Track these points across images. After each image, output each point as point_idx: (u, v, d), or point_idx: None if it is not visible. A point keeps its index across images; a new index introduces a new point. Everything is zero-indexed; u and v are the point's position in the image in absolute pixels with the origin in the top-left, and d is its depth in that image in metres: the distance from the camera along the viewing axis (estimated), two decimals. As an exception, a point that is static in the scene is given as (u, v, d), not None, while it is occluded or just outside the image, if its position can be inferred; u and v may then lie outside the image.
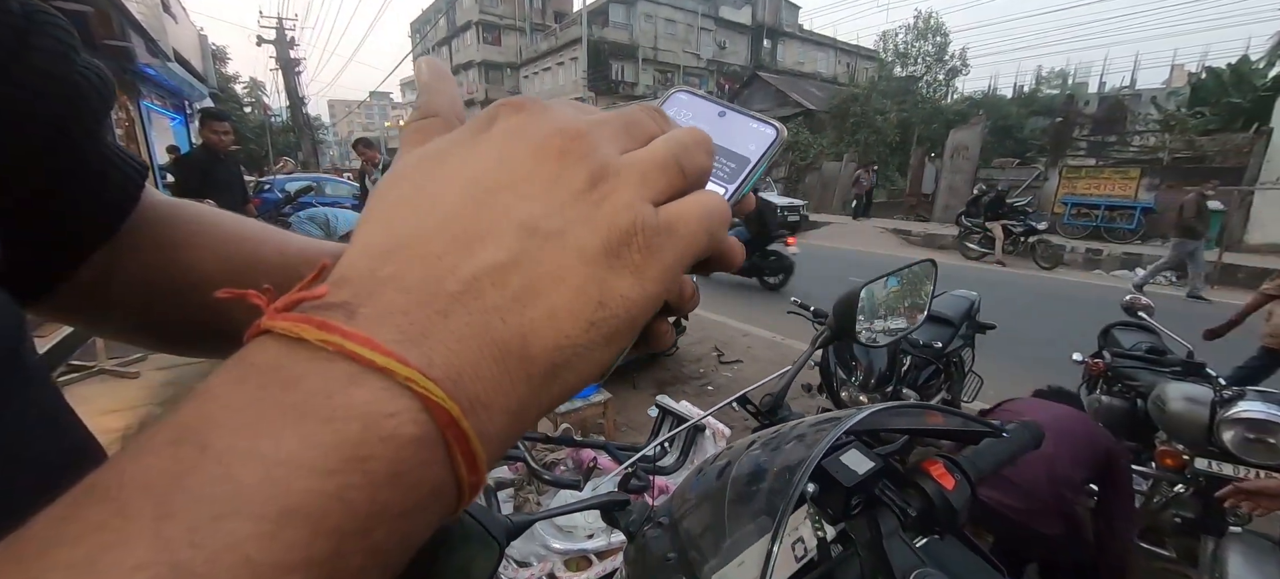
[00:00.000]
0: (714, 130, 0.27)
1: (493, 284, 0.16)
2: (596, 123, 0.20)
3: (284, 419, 0.13)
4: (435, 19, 41.83)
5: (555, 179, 0.17)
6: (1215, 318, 3.08)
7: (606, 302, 0.17)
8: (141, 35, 6.06)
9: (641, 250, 0.18)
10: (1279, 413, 1.54)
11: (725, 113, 0.29)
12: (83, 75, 0.28)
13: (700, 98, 0.30)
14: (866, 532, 0.50)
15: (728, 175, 0.27)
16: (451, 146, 0.19)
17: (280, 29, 20.01)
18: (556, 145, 0.18)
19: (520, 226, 0.17)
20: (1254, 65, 13.43)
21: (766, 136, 0.27)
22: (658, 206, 0.19)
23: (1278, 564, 1.48)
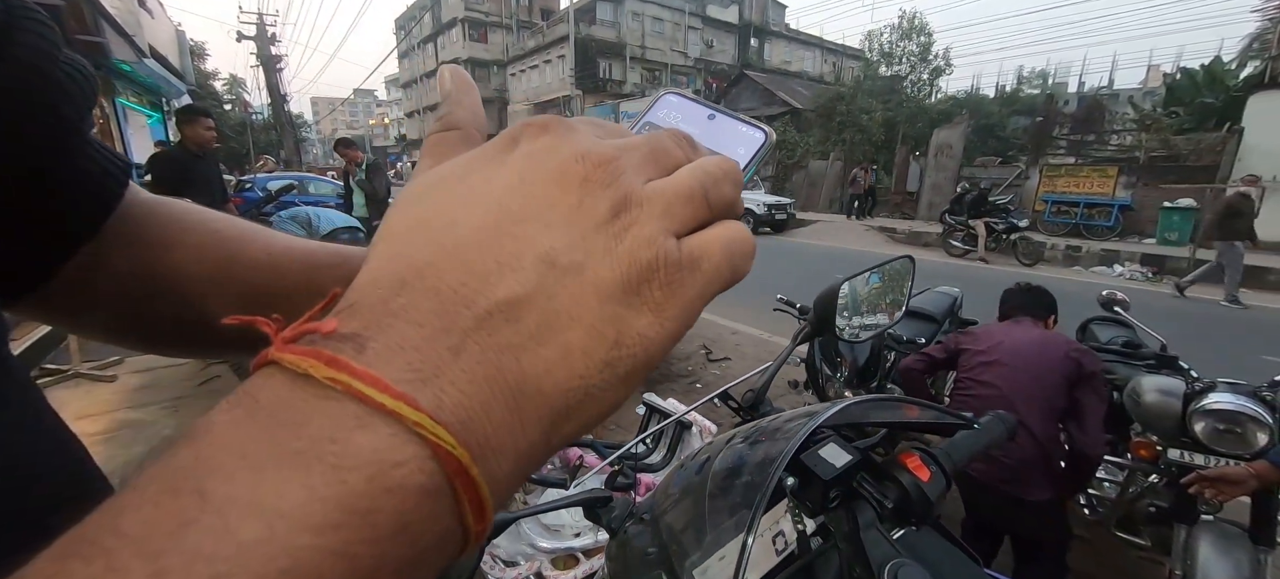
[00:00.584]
0: (703, 133, 0.28)
1: (507, 320, 0.15)
2: (622, 148, 0.19)
3: (288, 467, 0.12)
4: (420, 15, 41.40)
5: (577, 208, 0.17)
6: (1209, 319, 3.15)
7: (623, 341, 0.17)
8: (116, 30, 5.91)
9: (663, 287, 0.17)
10: (1247, 404, 1.58)
11: (714, 116, 0.29)
12: (66, 72, 0.28)
13: (689, 100, 0.30)
14: (845, 524, 0.51)
15: None
16: (473, 167, 0.18)
17: (261, 25, 19.64)
18: (580, 172, 0.17)
19: (539, 259, 0.16)
20: (1226, 66, 13.80)
21: (756, 140, 0.27)
22: (681, 239, 0.18)
23: (1245, 550, 1.52)
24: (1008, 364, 1.68)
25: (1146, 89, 22.86)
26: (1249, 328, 5.46)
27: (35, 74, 0.26)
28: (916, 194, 14.50)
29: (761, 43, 34.87)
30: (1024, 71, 27.18)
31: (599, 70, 29.86)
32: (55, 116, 0.27)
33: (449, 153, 0.20)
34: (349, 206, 5.37)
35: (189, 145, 3.69)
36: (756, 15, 34.28)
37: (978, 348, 1.77)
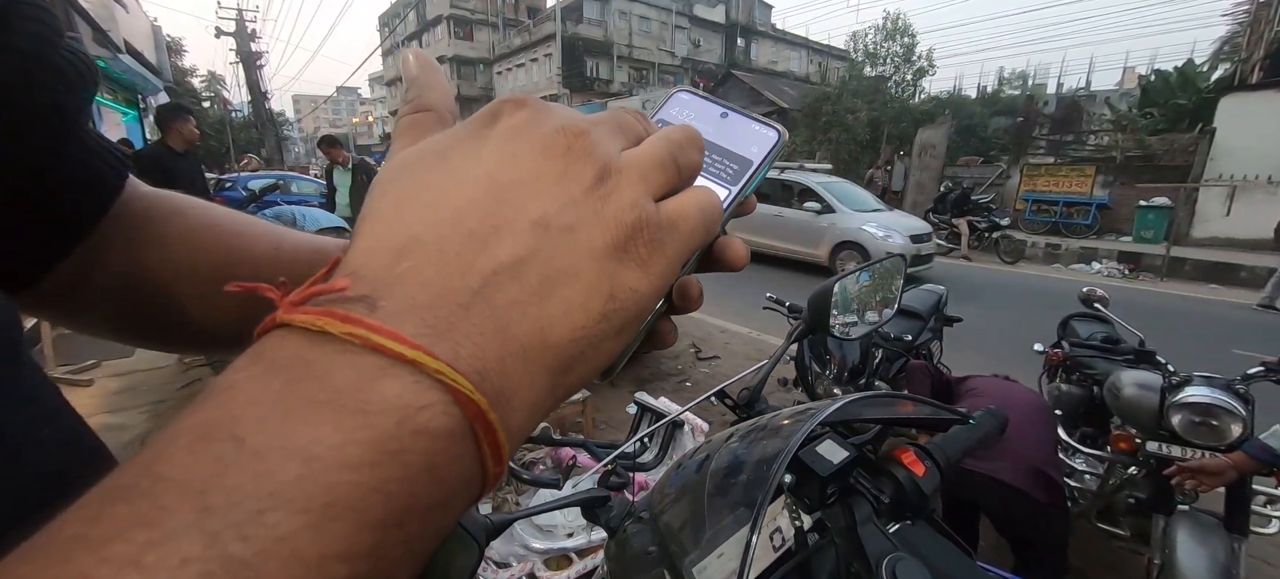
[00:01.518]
0: (717, 131, 0.28)
1: (511, 279, 0.16)
2: (594, 122, 0.20)
3: (318, 413, 0.12)
4: (405, 12, 40.89)
5: (563, 175, 0.18)
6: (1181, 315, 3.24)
7: (617, 294, 0.18)
8: (90, 25, 5.76)
9: (647, 245, 0.19)
10: (1221, 397, 1.62)
11: (727, 114, 0.29)
12: (66, 60, 0.27)
13: (702, 98, 0.30)
14: (842, 519, 0.51)
15: (730, 177, 0.27)
16: (455, 142, 0.19)
17: (240, 21, 19.27)
18: (563, 143, 0.18)
19: (534, 222, 0.17)
20: (1198, 68, 14.18)
21: (768, 139, 0.28)
22: (658, 202, 0.20)
23: (1220, 539, 1.57)
24: (995, 392, 1.72)
25: (1122, 90, 23.40)
26: (1217, 323, 5.62)
27: (36, 63, 0.25)
28: (901, 193, 14.69)
29: (748, 43, 35.04)
30: (1005, 73, 27.70)
31: (586, 69, 29.76)
32: (55, 107, 0.27)
33: (422, 134, 0.20)
34: (332, 206, 5.29)
35: (171, 143, 3.62)
36: (743, 15, 34.44)
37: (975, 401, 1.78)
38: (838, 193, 7.87)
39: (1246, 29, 14.25)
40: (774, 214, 7.89)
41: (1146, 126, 11.98)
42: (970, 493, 1.70)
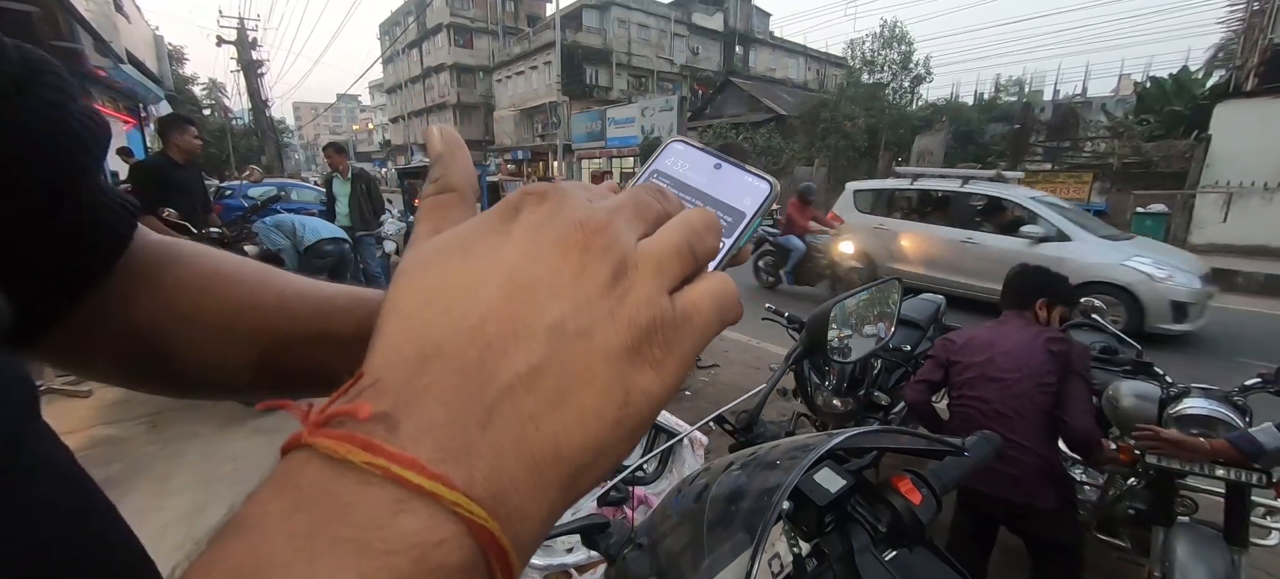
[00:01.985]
0: (710, 182, 0.28)
1: (527, 389, 0.16)
2: (613, 210, 0.20)
3: (342, 556, 0.13)
4: (405, 21, 41.11)
5: (580, 274, 0.17)
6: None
7: (631, 399, 0.17)
8: (92, 35, 5.79)
9: (661, 346, 0.18)
10: (1219, 409, 1.63)
11: (721, 165, 0.29)
12: (80, 122, 0.28)
13: (696, 149, 0.30)
14: (839, 546, 0.52)
15: (724, 229, 0.27)
16: (476, 237, 0.18)
17: (242, 29, 19.36)
18: (580, 240, 0.18)
19: (550, 327, 0.17)
20: (1193, 75, 14.25)
21: (761, 191, 0.28)
22: (674, 294, 0.19)
23: (1220, 551, 1.57)
24: (998, 378, 1.70)
25: (1119, 97, 23.51)
26: (1221, 331, 5.63)
27: (51, 125, 0.26)
28: (899, 200, 14.71)
29: (746, 50, 35.24)
30: (1001, 79, 27.83)
31: (585, 76, 29.90)
32: (68, 166, 0.27)
33: (447, 217, 0.21)
34: (331, 215, 5.30)
35: (172, 155, 3.63)
36: (741, 23, 34.66)
37: (967, 360, 1.78)
38: (1068, 214, 5.59)
39: (1240, 36, 14.36)
40: (960, 240, 5.73)
41: (1143, 133, 12.03)
42: (985, 509, 1.72)
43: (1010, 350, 1.72)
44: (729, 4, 34.04)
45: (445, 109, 39.60)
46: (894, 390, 2.50)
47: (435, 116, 41.01)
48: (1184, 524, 1.66)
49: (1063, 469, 1.68)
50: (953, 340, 1.89)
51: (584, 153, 27.59)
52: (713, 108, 24.12)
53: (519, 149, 33.55)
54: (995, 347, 1.76)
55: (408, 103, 44.63)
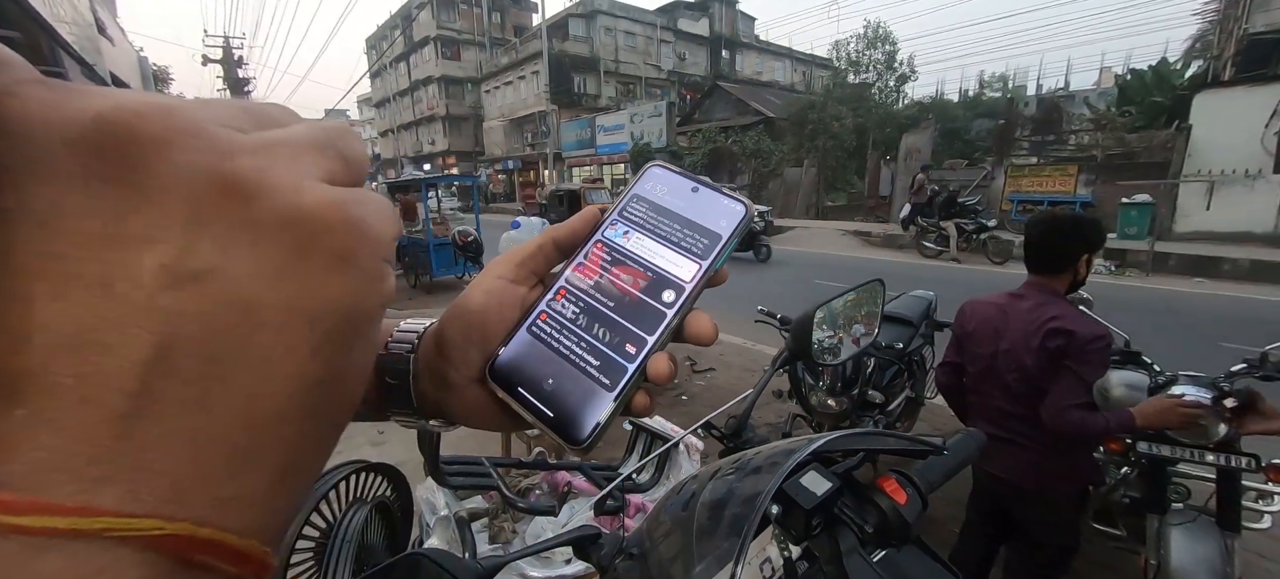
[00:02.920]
0: (688, 205, 0.30)
1: (163, 376, 0.13)
2: (203, 104, 0.15)
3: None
4: (392, 35, 41.13)
5: (170, 197, 0.13)
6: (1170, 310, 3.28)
7: (319, 316, 0.14)
8: (75, 60, 5.75)
9: (344, 234, 0.15)
10: (1207, 395, 1.65)
11: (698, 188, 0.30)
12: None
13: (675, 172, 0.32)
14: (828, 549, 0.52)
15: (701, 251, 0.28)
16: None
17: (227, 48, 19.30)
18: (132, 153, 0.13)
19: (156, 286, 0.13)
20: (1172, 67, 14.52)
21: (737, 213, 0.29)
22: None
23: (1214, 537, 1.59)
24: (999, 378, 1.65)
25: (1100, 90, 23.88)
26: (1205, 317, 5.70)
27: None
28: (889, 198, 14.85)
29: (733, 55, 35.49)
30: (985, 76, 28.22)
31: (574, 85, 30.00)
32: None
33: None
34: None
35: None
36: (727, 28, 34.92)
37: (974, 349, 1.73)
38: None
39: (1216, 27, 14.64)
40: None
41: (1125, 124, 12.22)
42: (997, 492, 1.72)
43: (1010, 349, 1.62)
44: (714, 9, 34.30)
45: (434, 121, 39.59)
46: (888, 389, 2.51)
47: (425, 129, 41.00)
48: (1177, 511, 1.68)
49: (1080, 454, 1.65)
50: (965, 312, 1.80)
51: (574, 161, 27.63)
52: (701, 112, 24.25)
53: (510, 159, 33.57)
54: (999, 339, 1.65)
55: (397, 116, 44.57)
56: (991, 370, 1.68)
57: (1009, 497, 1.69)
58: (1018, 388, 1.61)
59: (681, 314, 0.27)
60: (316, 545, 1.11)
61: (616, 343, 0.27)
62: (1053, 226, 1.65)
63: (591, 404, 0.26)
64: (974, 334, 1.74)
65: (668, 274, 0.28)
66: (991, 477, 1.69)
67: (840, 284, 0.83)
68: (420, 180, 9.02)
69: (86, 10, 6.36)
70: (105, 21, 7.47)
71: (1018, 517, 1.70)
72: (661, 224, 0.30)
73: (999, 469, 1.66)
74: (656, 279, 0.28)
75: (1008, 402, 1.65)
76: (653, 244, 0.30)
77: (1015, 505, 1.69)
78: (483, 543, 1.44)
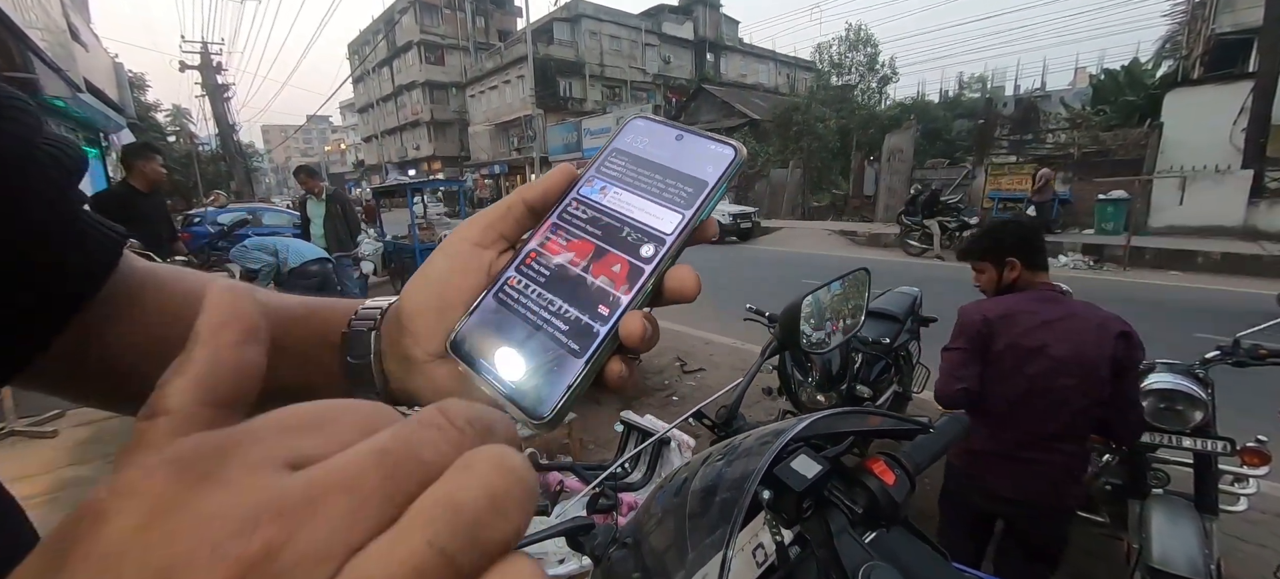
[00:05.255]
0: (672, 155, 0.28)
1: None
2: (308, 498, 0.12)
3: None
4: (374, 40, 40.75)
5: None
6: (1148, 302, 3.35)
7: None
8: (48, 66, 5.61)
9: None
10: (1182, 383, 1.69)
11: (682, 136, 0.29)
12: (49, 153, 0.28)
13: (657, 123, 0.30)
14: (820, 532, 0.53)
15: (684, 200, 0.27)
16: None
17: (205, 54, 18.98)
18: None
19: None
20: (1144, 67, 14.92)
21: (724, 157, 0.27)
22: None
23: (1192, 520, 1.62)
24: (1061, 386, 1.46)
25: (1075, 90, 24.44)
26: (1179, 308, 5.85)
27: (17, 158, 0.26)
28: (873, 197, 15.04)
29: (717, 57, 35.73)
30: (964, 77, 28.72)
31: (559, 89, 29.98)
32: (37, 198, 0.27)
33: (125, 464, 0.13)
34: (306, 237, 5.20)
35: (135, 183, 3.55)
36: (711, 31, 35.15)
37: (1025, 370, 1.49)
38: None
39: (1185, 28, 15.06)
40: None
41: (1100, 122, 12.51)
42: (1002, 511, 1.61)
43: (1071, 358, 1.45)
44: (698, 13, 34.53)
45: (419, 126, 39.26)
46: (876, 384, 2.54)
47: (409, 134, 40.63)
48: (1158, 496, 1.71)
49: (1085, 470, 1.61)
50: (989, 323, 1.54)
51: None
52: (687, 115, 24.36)
53: (496, 163, 33.40)
54: (1048, 334, 1.48)
55: (380, 122, 44.14)
56: (1041, 389, 1.47)
57: (1017, 516, 1.57)
58: (1078, 401, 1.45)
59: (660, 269, 0.25)
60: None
61: (588, 306, 0.25)
62: (1031, 226, 1.72)
63: (556, 376, 0.24)
64: (1013, 348, 1.50)
65: (647, 227, 0.26)
66: (996, 498, 1.57)
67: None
68: (405, 185, 8.94)
69: (59, 15, 6.22)
70: (79, 27, 7.30)
71: (1021, 531, 1.59)
72: (642, 176, 0.28)
73: (1010, 492, 1.53)
74: (635, 234, 0.26)
75: (1055, 421, 1.47)
76: (632, 198, 0.28)
77: (1022, 522, 1.57)
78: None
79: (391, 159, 42.86)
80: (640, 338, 0.24)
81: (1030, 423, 1.50)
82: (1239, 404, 2.08)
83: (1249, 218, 9.23)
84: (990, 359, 1.54)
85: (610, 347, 0.25)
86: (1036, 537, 1.58)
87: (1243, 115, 9.31)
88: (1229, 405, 1.81)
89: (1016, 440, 1.52)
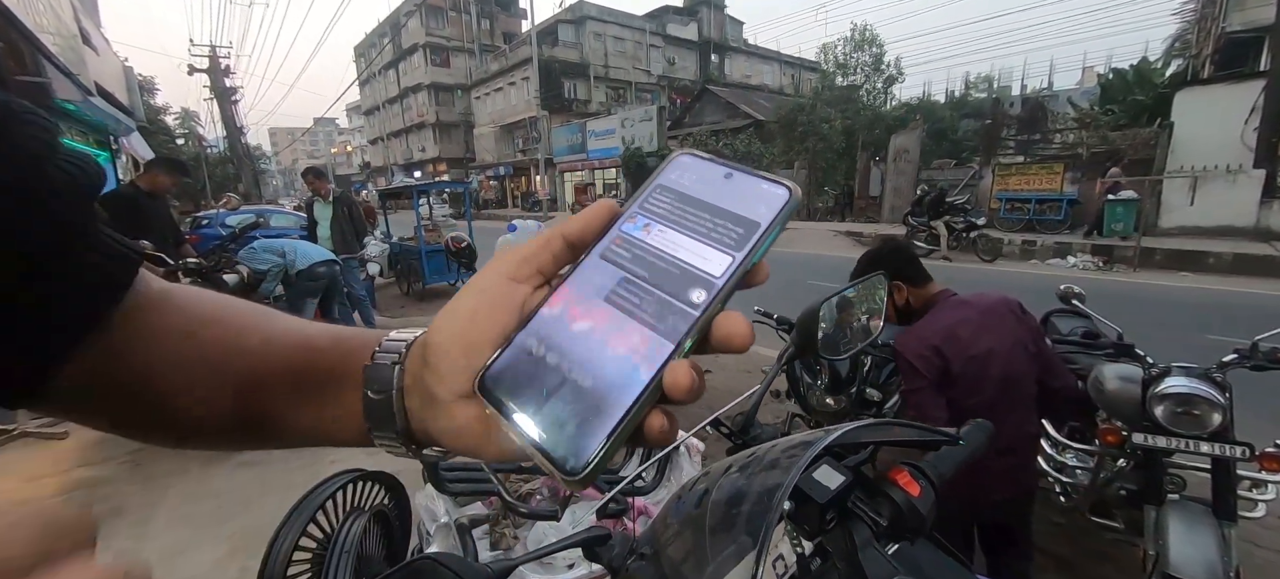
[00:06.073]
0: (720, 193, 0.27)
1: None
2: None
3: None
4: (381, 43, 40.97)
5: None
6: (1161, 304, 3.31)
7: None
8: (59, 70, 5.67)
9: None
10: (1200, 387, 1.66)
11: (732, 174, 0.27)
12: (63, 169, 0.27)
13: (705, 160, 0.28)
14: (842, 543, 0.52)
15: (735, 242, 0.25)
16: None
17: (214, 57, 19.14)
18: None
19: None
20: (1153, 65, 14.80)
21: (778, 198, 0.25)
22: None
23: (1210, 526, 1.60)
24: (1020, 384, 1.57)
25: (1083, 89, 24.25)
26: (1192, 310, 5.78)
27: (30, 173, 0.26)
28: (879, 198, 14.98)
29: (722, 58, 35.70)
30: (970, 77, 28.58)
31: (564, 90, 30.04)
32: (50, 214, 0.27)
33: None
34: (313, 239, 5.23)
35: (142, 184, 3.59)
36: (716, 32, 35.12)
37: (990, 373, 1.53)
38: None
39: (1195, 27, 14.92)
40: None
41: (1108, 122, 12.41)
42: (989, 515, 1.66)
43: (1011, 344, 1.55)
44: (703, 14, 34.51)
45: (424, 128, 39.43)
46: (885, 386, 2.52)
47: (415, 136, 40.82)
48: (1174, 502, 1.69)
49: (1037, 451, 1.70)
50: (934, 345, 1.55)
51: (566, 166, 27.63)
52: (692, 116, 24.35)
53: (501, 165, 33.50)
54: (986, 335, 1.56)
55: (386, 124, 44.35)
56: (1008, 386, 1.54)
57: (1006, 513, 1.63)
58: (1031, 384, 1.59)
59: (709, 315, 0.24)
60: (314, 557, 1.09)
61: (629, 352, 0.24)
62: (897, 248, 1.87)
63: (593, 427, 0.23)
64: (970, 361, 1.54)
65: (694, 270, 0.25)
66: (995, 504, 1.59)
67: (834, 284, 0.82)
68: (411, 187, 8.98)
69: (70, 20, 6.28)
70: (90, 31, 7.38)
71: (1000, 525, 1.66)
72: (689, 215, 0.27)
73: (1009, 492, 1.57)
74: (681, 276, 0.25)
75: (1025, 417, 1.58)
76: (678, 237, 0.26)
77: (1010, 517, 1.64)
78: (484, 549, 1.43)
79: (397, 161, 43.08)
80: (686, 390, 0.22)
81: (1012, 420, 1.55)
82: (1256, 408, 2.05)
83: (1261, 218, 9.13)
84: (952, 380, 1.55)
85: (652, 397, 0.23)
86: (1023, 528, 1.66)
87: (1254, 114, 9.22)
88: (1245, 409, 1.78)
89: (1007, 442, 1.57)
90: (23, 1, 4.49)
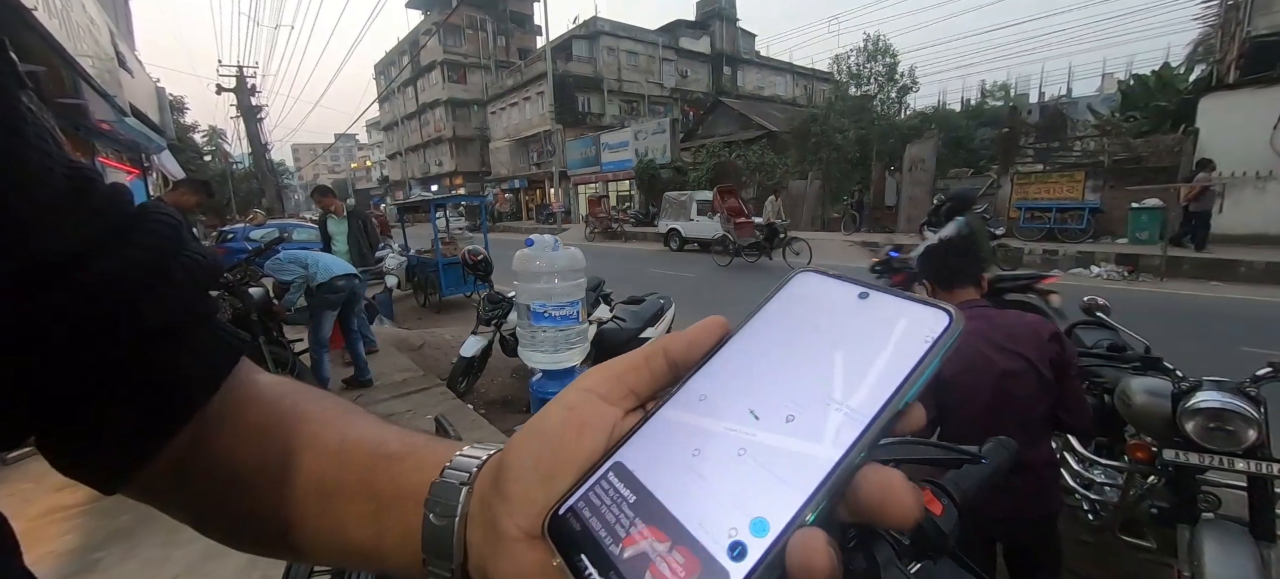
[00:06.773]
0: (854, 319, 0.22)
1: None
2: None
3: None
4: (400, 61, 41.96)
5: None
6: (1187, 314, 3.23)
7: None
8: (97, 92, 5.91)
9: None
10: (1233, 401, 1.61)
11: (868, 294, 0.22)
12: (185, 267, 0.28)
13: (831, 278, 0.24)
14: (863, 563, 0.51)
15: (877, 380, 0.19)
16: None
17: (240, 77, 19.76)
18: None
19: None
20: (1175, 71, 14.49)
21: (936, 324, 0.20)
22: None
23: (1248, 547, 1.54)
24: (1015, 400, 1.51)
25: (1103, 96, 23.83)
26: (1223, 321, 5.61)
27: (148, 270, 0.27)
28: (895, 208, 14.84)
29: (734, 71, 35.87)
30: (986, 85, 28.27)
31: (578, 104, 30.40)
32: (163, 307, 0.27)
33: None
34: (329, 252, 5.34)
35: (169, 198, 3.73)
36: (728, 45, 35.36)
37: (979, 387, 1.52)
38: None
39: (1218, 30, 14.61)
40: None
41: (1130, 129, 12.18)
42: (998, 534, 1.62)
43: (1018, 370, 1.51)
44: (715, 27, 34.79)
45: (441, 143, 40.16)
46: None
47: (432, 150, 41.58)
48: (1209, 521, 1.63)
49: (1057, 475, 1.63)
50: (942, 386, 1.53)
51: (580, 178, 27.87)
52: (705, 128, 24.44)
53: (516, 178, 33.93)
54: (989, 349, 1.53)
55: (404, 139, 45.27)
56: (994, 409, 1.50)
57: (1016, 534, 1.58)
58: (1040, 411, 1.52)
59: (849, 470, 0.18)
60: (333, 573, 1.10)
61: (739, 508, 0.18)
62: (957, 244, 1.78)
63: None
64: (962, 373, 1.52)
65: (825, 411, 0.19)
66: (997, 522, 1.55)
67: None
68: (428, 201, 9.14)
69: (107, 44, 6.55)
70: (125, 54, 7.67)
71: (1022, 546, 1.61)
72: (816, 343, 0.22)
73: (1010, 512, 1.51)
74: (807, 417, 0.20)
75: (1023, 430, 1.50)
76: (803, 367, 0.21)
77: (1022, 538, 1.59)
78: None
79: (415, 175, 43.88)
80: (822, 571, 0.16)
81: (1020, 439, 1.51)
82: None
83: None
84: (944, 385, 1.53)
85: (769, 574, 0.17)
86: (1038, 548, 1.59)
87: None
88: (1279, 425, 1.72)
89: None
90: (64, 27, 4.70)
